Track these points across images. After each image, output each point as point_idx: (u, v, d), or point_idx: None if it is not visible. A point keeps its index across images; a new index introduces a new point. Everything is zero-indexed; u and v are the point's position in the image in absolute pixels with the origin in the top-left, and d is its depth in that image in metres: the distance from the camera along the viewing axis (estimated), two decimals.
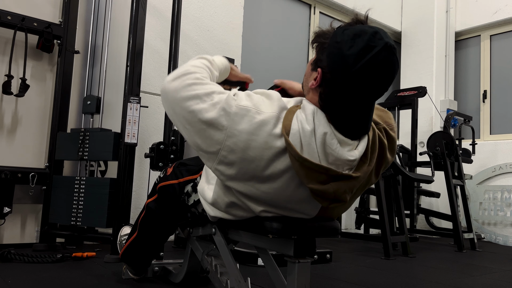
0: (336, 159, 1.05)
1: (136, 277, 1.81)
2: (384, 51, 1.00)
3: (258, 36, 4.09)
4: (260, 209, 1.14)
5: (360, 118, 1.07)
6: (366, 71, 0.99)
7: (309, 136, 1.03)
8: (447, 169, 3.61)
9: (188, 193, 1.43)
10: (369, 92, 1.03)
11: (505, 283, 2.20)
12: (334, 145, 1.04)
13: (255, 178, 1.08)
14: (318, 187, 1.04)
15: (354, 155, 1.06)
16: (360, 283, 2.04)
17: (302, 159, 1.02)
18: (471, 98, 5.10)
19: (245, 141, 1.04)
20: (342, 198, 1.07)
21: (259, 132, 1.04)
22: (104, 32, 2.86)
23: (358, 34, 1.01)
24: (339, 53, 1.01)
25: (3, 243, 2.52)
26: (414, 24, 5.21)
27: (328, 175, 1.03)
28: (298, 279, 1.13)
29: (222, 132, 1.06)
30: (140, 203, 3.00)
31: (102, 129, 2.52)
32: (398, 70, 1.06)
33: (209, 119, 1.06)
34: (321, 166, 1.02)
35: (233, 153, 1.06)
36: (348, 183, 1.06)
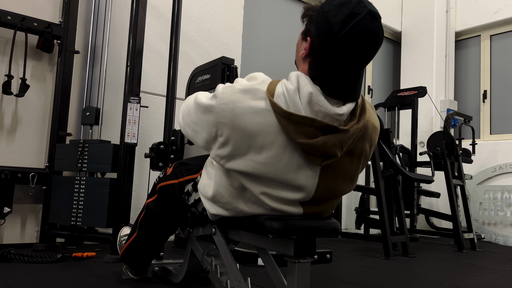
0: (325, 114, 1.09)
1: (136, 277, 1.81)
2: (368, 17, 1.05)
3: (258, 36, 4.09)
4: (260, 190, 1.15)
5: (348, 83, 1.11)
6: (351, 37, 1.05)
7: (293, 94, 1.09)
8: (447, 169, 3.61)
9: (188, 192, 1.43)
10: (355, 58, 1.08)
11: (505, 283, 2.20)
12: (322, 101, 1.09)
13: (251, 149, 1.12)
14: (307, 141, 1.08)
15: (342, 110, 1.10)
16: (360, 283, 2.04)
17: (288, 114, 1.07)
18: (471, 98, 5.10)
19: (231, 110, 1.11)
20: (332, 152, 1.10)
21: (243, 99, 1.11)
22: (104, 32, 2.87)
23: (343, 3, 1.07)
24: (325, 21, 1.08)
25: (3, 243, 2.52)
26: (414, 24, 5.21)
27: (315, 127, 1.07)
28: (298, 279, 1.13)
29: (213, 113, 1.15)
30: (140, 203, 3.00)
31: (101, 141, 2.50)
32: (383, 37, 1.11)
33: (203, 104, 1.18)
34: (307, 118, 1.07)
35: (225, 126, 1.12)
36: (337, 136, 1.10)
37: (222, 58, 2.51)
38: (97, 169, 2.43)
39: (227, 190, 1.21)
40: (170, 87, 2.55)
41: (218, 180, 1.23)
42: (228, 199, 1.21)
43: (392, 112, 4.31)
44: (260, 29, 4.11)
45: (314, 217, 1.23)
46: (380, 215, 2.99)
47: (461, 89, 5.20)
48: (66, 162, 2.52)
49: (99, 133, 2.66)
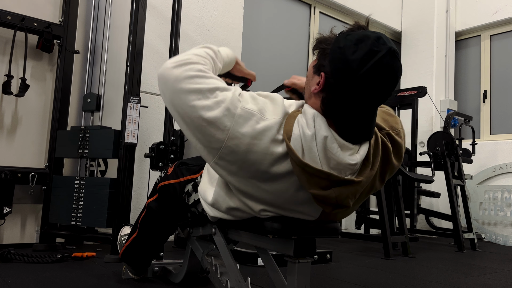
0: (338, 163, 1.04)
1: (136, 277, 1.81)
2: (388, 55, 1.00)
3: (258, 36, 4.09)
4: (260, 208, 1.13)
5: (363, 123, 1.06)
6: (371, 75, 0.99)
7: (310, 140, 1.03)
8: (447, 169, 3.61)
9: (189, 192, 1.43)
10: (373, 97, 1.02)
11: (505, 283, 2.20)
12: (335, 149, 1.03)
13: (255, 178, 1.07)
14: (320, 193, 1.02)
15: (356, 159, 1.05)
16: (360, 283, 2.04)
17: (303, 164, 1.00)
18: (471, 98, 5.10)
19: (247, 145, 1.03)
20: (344, 203, 1.05)
21: (262, 137, 1.04)
22: (104, 32, 2.86)
23: (361, 39, 1.00)
24: (342, 58, 1.01)
25: (3, 243, 2.52)
26: (414, 24, 5.21)
27: (329, 180, 1.02)
28: (298, 279, 1.13)
29: (224, 132, 1.04)
30: (140, 203, 3.00)
31: (102, 127, 2.52)
32: (401, 75, 1.06)
33: (212, 118, 1.04)
34: (322, 171, 1.01)
35: (234, 154, 1.05)
36: (351, 188, 1.05)
37: None
38: (98, 155, 2.44)
39: (225, 202, 1.19)
40: None
41: (217, 190, 1.21)
42: (227, 209, 1.21)
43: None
44: (260, 29, 4.11)
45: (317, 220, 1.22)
46: (380, 215, 2.99)
47: (461, 89, 5.20)
48: (67, 149, 2.52)
49: (100, 120, 2.68)
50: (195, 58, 1.13)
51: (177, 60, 1.10)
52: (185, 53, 1.14)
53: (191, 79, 1.07)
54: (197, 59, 1.13)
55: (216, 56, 1.23)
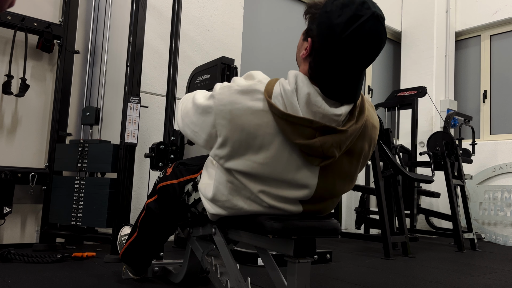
0: (323, 115, 1.08)
1: (136, 277, 1.81)
2: (371, 20, 1.03)
3: (258, 36, 4.09)
4: (259, 188, 1.15)
5: (347, 85, 1.10)
6: (353, 39, 1.03)
7: (290, 95, 1.08)
8: (447, 169, 3.61)
9: (188, 192, 1.43)
10: (357, 61, 1.06)
11: (505, 283, 2.20)
12: (319, 102, 1.08)
13: (249, 150, 1.12)
14: (304, 142, 1.07)
15: (340, 111, 1.09)
16: (360, 283, 2.04)
17: (285, 115, 1.06)
18: (471, 98, 5.10)
19: (230, 111, 1.11)
20: (329, 152, 1.09)
21: (240, 100, 1.11)
22: (104, 32, 2.86)
23: (346, 4, 1.05)
24: (328, 22, 1.06)
25: (3, 243, 2.52)
26: (414, 24, 5.21)
27: (313, 128, 1.07)
28: (298, 279, 1.13)
29: (211, 114, 1.15)
30: (140, 203, 3.00)
31: (101, 141, 2.49)
32: (385, 40, 1.09)
33: (201, 105, 1.19)
34: (304, 118, 1.06)
35: (223, 128, 1.12)
36: (335, 136, 1.09)
37: (222, 58, 2.51)
38: (97, 169, 2.43)
39: (227, 187, 1.21)
40: (170, 87, 2.55)
41: (218, 178, 1.23)
42: (227, 197, 1.21)
43: (392, 112, 4.31)
44: (260, 29, 4.11)
45: (314, 217, 1.23)
46: (380, 215, 2.99)
47: (461, 89, 5.20)
48: (66, 162, 2.52)
49: (99, 133, 2.66)
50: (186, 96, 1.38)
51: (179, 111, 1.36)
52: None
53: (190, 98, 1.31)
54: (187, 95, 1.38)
55: None
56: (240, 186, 1.18)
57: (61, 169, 2.55)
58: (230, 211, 1.24)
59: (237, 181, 1.18)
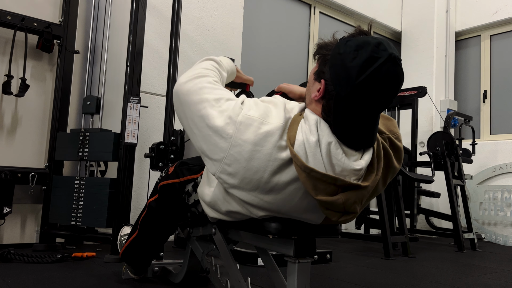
0: (343, 169, 1.02)
1: (136, 277, 1.81)
2: (388, 62, 0.98)
3: (258, 36, 4.09)
4: (261, 214, 1.12)
5: (365, 130, 1.04)
6: (370, 83, 0.97)
7: (314, 147, 1.01)
8: (447, 169, 3.61)
9: (189, 192, 1.43)
10: (373, 105, 1.01)
11: (505, 283, 2.20)
12: (340, 155, 1.02)
13: (258, 189, 1.05)
14: (327, 199, 1.00)
15: (361, 164, 1.04)
16: (360, 283, 2.04)
17: (309, 169, 0.98)
18: (471, 98, 5.10)
19: (249, 152, 1.02)
20: (352, 209, 1.03)
21: (264, 143, 1.02)
22: (104, 32, 2.86)
23: (361, 46, 0.99)
24: (342, 64, 0.99)
25: (3, 243, 2.52)
26: (414, 24, 5.21)
27: (336, 185, 1.00)
28: (298, 279, 1.13)
29: (227, 141, 1.04)
30: (140, 203, 3.00)
31: (102, 130, 2.51)
32: (403, 81, 1.03)
33: (215, 126, 1.05)
34: (329, 176, 0.99)
35: (237, 162, 1.04)
36: (358, 193, 1.03)
37: None
38: (98, 157, 2.44)
39: (224, 205, 1.19)
40: (170, 87, 2.55)
41: (217, 191, 1.19)
42: (226, 212, 1.20)
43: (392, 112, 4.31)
44: (260, 29, 4.11)
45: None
46: (380, 215, 2.99)
47: (461, 89, 5.20)
48: (67, 151, 2.52)
49: (100, 122, 2.68)
50: (204, 71, 1.18)
51: (187, 76, 1.17)
52: (194, 68, 1.20)
53: (200, 90, 1.12)
54: (205, 72, 1.18)
55: (220, 67, 1.28)
56: (241, 211, 1.15)
57: (62, 159, 2.56)
58: (229, 218, 1.23)
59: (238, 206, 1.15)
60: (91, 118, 2.72)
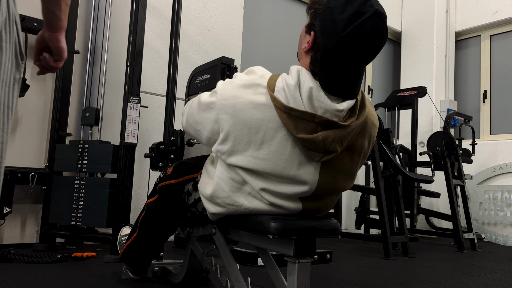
0: (325, 110, 1.09)
1: (136, 277, 1.81)
2: (373, 17, 1.04)
3: (258, 36, 4.09)
4: (260, 185, 1.16)
5: (348, 82, 1.11)
6: (355, 36, 1.04)
7: (293, 89, 1.09)
8: (447, 169, 3.61)
9: (189, 192, 1.43)
10: (358, 57, 1.07)
11: (505, 283, 2.20)
12: (322, 97, 1.09)
13: (251, 145, 1.12)
14: (307, 136, 1.08)
15: (342, 106, 1.10)
16: (360, 283, 2.04)
17: (288, 109, 1.07)
18: (471, 98, 5.10)
19: (232, 105, 1.12)
20: (331, 147, 1.10)
21: (243, 94, 1.12)
22: (104, 32, 2.86)
23: (350, 1, 1.06)
24: (330, 18, 1.07)
25: (3, 243, 2.52)
26: (414, 24, 5.21)
27: (315, 122, 1.08)
28: (298, 279, 1.13)
29: (214, 109, 1.17)
30: (140, 203, 3.00)
31: (101, 142, 2.49)
32: (386, 37, 1.10)
33: (204, 103, 1.21)
34: (307, 113, 1.07)
35: (225, 122, 1.13)
36: (336, 131, 1.10)
37: (222, 58, 2.51)
38: (97, 169, 2.43)
39: (228, 184, 1.21)
40: (170, 87, 2.55)
41: (219, 174, 1.23)
42: (228, 193, 1.21)
43: (392, 112, 4.31)
44: (260, 29, 4.11)
45: (314, 217, 1.23)
46: (380, 215, 2.99)
47: (461, 89, 5.20)
48: (66, 163, 2.52)
49: (99, 134, 2.66)
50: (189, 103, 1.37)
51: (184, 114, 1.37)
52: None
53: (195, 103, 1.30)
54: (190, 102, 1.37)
55: None
56: (242, 182, 1.19)
57: (61, 170, 2.55)
58: (230, 208, 1.23)
59: (239, 177, 1.19)
60: (90, 130, 2.68)
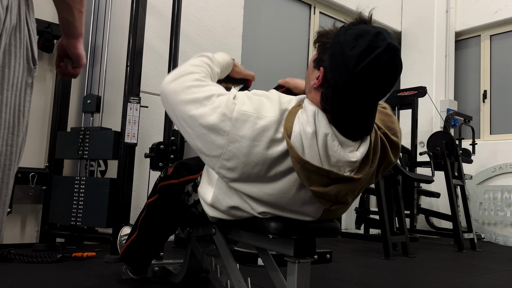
0: (338, 160, 1.04)
1: (136, 277, 1.81)
2: (387, 52, 0.98)
3: (258, 36, 4.09)
4: (261, 209, 1.13)
5: (362, 119, 1.05)
6: (368, 72, 0.98)
7: (310, 138, 1.02)
8: (447, 169, 3.61)
9: (189, 192, 1.43)
10: (371, 94, 1.02)
11: (505, 283, 2.20)
12: (335, 147, 1.04)
13: (258, 180, 1.08)
14: (319, 190, 1.03)
15: (356, 157, 1.05)
16: (360, 283, 2.04)
17: (303, 161, 1.00)
18: (471, 98, 5.10)
19: (248, 147, 1.04)
20: (343, 200, 1.06)
21: (261, 138, 1.04)
22: (104, 32, 2.86)
23: (361, 35, 0.99)
24: (341, 53, 1.00)
25: (3, 243, 2.52)
26: (414, 24, 5.21)
27: (329, 177, 1.02)
28: (298, 279, 1.13)
29: (224, 137, 1.05)
30: (140, 203, 3.00)
31: (102, 128, 2.52)
32: (401, 71, 1.04)
33: (210, 124, 1.06)
34: (322, 169, 1.01)
35: (235, 158, 1.05)
36: (350, 185, 1.05)
37: None
38: (98, 156, 2.44)
39: (225, 201, 1.19)
40: None
41: (218, 187, 1.21)
42: (226, 207, 1.20)
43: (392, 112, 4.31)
44: (260, 29, 4.11)
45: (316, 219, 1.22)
46: (380, 215, 2.99)
47: (461, 89, 5.20)
48: (67, 150, 2.52)
49: (100, 121, 2.68)
50: (190, 68, 1.17)
51: (173, 74, 1.15)
52: (182, 66, 1.19)
53: (188, 90, 1.10)
54: (192, 69, 1.16)
55: (212, 62, 1.26)
56: (242, 205, 1.16)
57: (62, 157, 2.56)
58: (229, 217, 1.23)
59: (239, 200, 1.16)
60: (91, 117, 2.73)
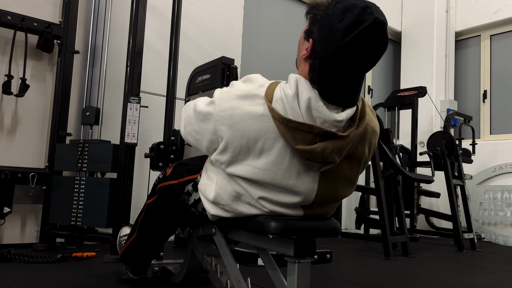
0: (324, 121, 1.07)
1: (136, 277, 1.81)
2: (373, 26, 1.01)
3: (258, 36, 4.09)
4: (259, 194, 1.15)
5: (347, 91, 1.09)
6: (354, 46, 1.01)
7: (291, 100, 1.06)
8: (447, 169, 3.61)
9: (189, 192, 1.43)
10: (357, 66, 1.05)
11: (505, 283, 2.20)
12: (320, 107, 1.07)
13: (250, 155, 1.11)
14: (305, 147, 1.06)
15: (341, 116, 1.08)
16: (360, 283, 2.04)
17: (286, 120, 1.05)
18: (471, 98, 5.11)
19: (230, 117, 1.11)
20: (330, 158, 1.08)
21: (240, 105, 1.10)
22: (104, 32, 2.86)
23: (349, 8, 1.02)
24: (329, 26, 1.04)
25: (3, 243, 2.52)
26: (414, 24, 5.21)
27: (313, 133, 1.06)
28: (298, 279, 1.13)
29: (212, 120, 1.15)
30: (140, 203, 3.00)
31: (101, 141, 2.49)
32: (387, 46, 1.07)
33: (200, 112, 1.19)
34: (305, 124, 1.05)
35: (224, 133, 1.12)
36: (335, 142, 1.08)
37: (222, 58, 2.51)
38: (97, 169, 2.43)
39: (227, 192, 1.20)
40: (170, 87, 2.55)
41: (219, 183, 1.22)
42: (227, 202, 1.21)
43: (392, 112, 4.31)
44: (260, 29, 4.11)
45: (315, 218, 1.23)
46: (380, 215, 2.99)
47: (461, 89, 5.20)
48: (66, 162, 2.51)
49: (99, 133, 2.66)
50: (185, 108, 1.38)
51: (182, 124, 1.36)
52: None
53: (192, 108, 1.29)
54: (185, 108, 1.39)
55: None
56: (241, 191, 1.18)
57: (61, 169, 2.55)
58: (230, 214, 1.24)
59: (238, 186, 1.18)
60: (90, 129, 2.68)
